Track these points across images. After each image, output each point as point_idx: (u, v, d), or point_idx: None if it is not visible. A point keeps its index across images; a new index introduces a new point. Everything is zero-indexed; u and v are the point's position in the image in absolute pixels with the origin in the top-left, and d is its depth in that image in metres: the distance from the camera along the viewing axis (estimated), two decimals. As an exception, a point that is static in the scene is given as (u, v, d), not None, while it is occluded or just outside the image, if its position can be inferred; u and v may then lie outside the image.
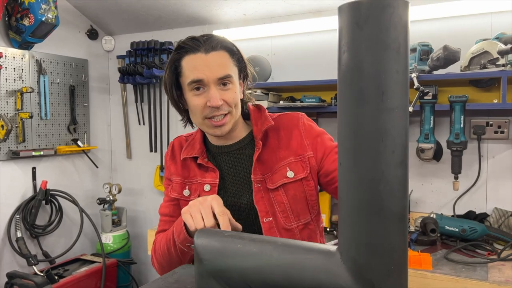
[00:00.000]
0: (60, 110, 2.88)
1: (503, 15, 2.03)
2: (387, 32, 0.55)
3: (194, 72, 1.04)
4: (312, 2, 2.38)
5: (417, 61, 2.02)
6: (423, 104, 2.00)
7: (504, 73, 1.83)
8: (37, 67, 2.71)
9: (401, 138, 0.57)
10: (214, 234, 0.76)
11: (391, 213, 0.58)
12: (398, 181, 0.58)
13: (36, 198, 2.65)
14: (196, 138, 1.19)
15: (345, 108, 0.57)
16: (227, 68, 1.06)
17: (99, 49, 3.19)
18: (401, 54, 0.56)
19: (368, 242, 0.59)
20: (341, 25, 0.56)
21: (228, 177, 1.14)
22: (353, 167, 0.58)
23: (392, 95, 0.56)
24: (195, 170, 1.16)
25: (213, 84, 1.04)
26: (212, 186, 1.12)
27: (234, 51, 1.10)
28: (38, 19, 2.43)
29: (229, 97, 1.06)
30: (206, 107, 1.05)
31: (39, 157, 2.74)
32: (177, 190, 1.16)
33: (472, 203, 2.14)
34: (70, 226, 2.95)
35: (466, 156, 2.04)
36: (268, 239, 0.73)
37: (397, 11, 0.55)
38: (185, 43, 1.08)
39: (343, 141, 0.58)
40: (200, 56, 1.05)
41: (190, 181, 1.16)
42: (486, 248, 1.84)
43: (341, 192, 0.60)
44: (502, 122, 2.03)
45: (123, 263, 2.87)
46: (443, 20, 2.15)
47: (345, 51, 0.56)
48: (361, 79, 0.56)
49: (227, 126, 1.08)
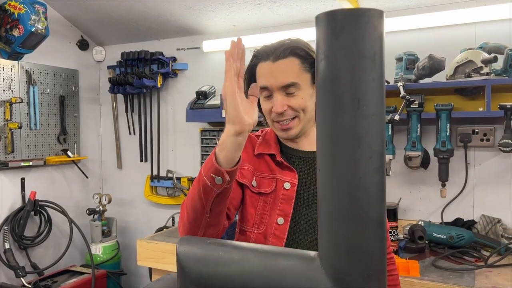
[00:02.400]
0: (50, 121, 2.87)
1: (486, 25, 2.07)
2: (362, 41, 0.56)
3: (262, 80, 1.10)
4: (300, 12, 2.42)
5: (403, 70, 2.05)
6: (409, 112, 2.03)
7: (488, 81, 1.86)
8: (27, 77, 2.71)
9: (377, 144, 0.58)
10: (197, 241, 0.76)
11: (369, 218, 0.59)
12: (375, 186, 0.59)
13: (24, 209, 2.63)
14: (270, 138, 1.19)
15: (323, 115, 0.59)
16: (292, 75, 1.08)
17: (89, 59, 3.20)
18: (376, 62, 0.57)
19: (347, 247, 0.59)
20: (318, 34, 0.58)
21: (301, 183, 1.13)
22: (331, 173, 0.59)
23: (368, 103, 0.57)
24: (272, 165, 1.15)
25: (277, 92, 1.08)
26: (292, 185, 1.11)
27: (306, 57, 1.10)
28: (27, 30, 2.43)
29: (295, 103, 1.08)
30: (272, 112, 1.09)
31: (28, 168, 2.73)
32: (248, 177, 1.13)
33: (460, 210, 2.16)
34: (59, 237, 2.92)
35: (453, 163, 2.06)
36: (250, 246, 0.73)
37: (371, 20, 0.56)
38: (258, 52, 1.13)
39: (322, 147, 0.59)
40: (268, 65, 1.09)
41: (260, 174, 1.14)
42: (473, 255, 1.85)
43: (320, 198, 0.61)
44: (488, 129, 2.06)
45: (113, 274, 2.85)
46: (429, 30, 2.19)
47: (322, 59, 0.57)
48: (338, 87, 0.57)
49: (294, 130, 1.10)
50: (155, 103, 3.05)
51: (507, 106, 1.85)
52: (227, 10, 2.50)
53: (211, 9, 2.51)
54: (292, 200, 1.09)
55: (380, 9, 0.56)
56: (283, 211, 1.10)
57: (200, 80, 2.86)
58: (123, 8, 2.68)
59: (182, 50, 2.93)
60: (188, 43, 2.91)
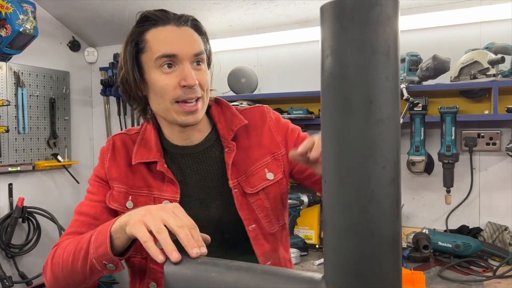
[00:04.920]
0: (39, 124, 2.77)
1: (492, 25, 2.00)
2: (375, 33, 0.48)
3: (165, 46, 0.90)
4: (298, 12, 2.34)
5: (406, 72, 1.98)
6: (413, 115, 1.95)
7: (495, 83, 1.79)
8: (15, 79, 2.61)
9: (392, 152, 0.50)
10: (187, 261, 0.69)
11: (382, 237, 0.51)
12: (389, 201, 0.51)
13: (12, 216, 2.52)
14: (149, 137, 1.00)
15: (329, 119, 0.51)
16: (200, 45, 0.94)
17: (81, 61, 3.11)
18: (391, 58, 0.49)
19: (356, 270, 0.52)
20: (323, 26, 0.50)
21: (193, 183, 0.99)
22: (339, 186, 0.52)
23: (381, 105, 0.49)
24: (148, 179, 0.98)
25: (186, 61, 0.90)
26: (172, 201, 0.94)
27: (203, 32, 0.98)
28: (15, 30, 2.34)
29: (202, 78, 0.93)
30: (178, 87, 0.90)
31: (16, 173, 2.63)
32: (119, 200, 0.97)
33: (465, 217, 2.08)
34: (49, 245, 2.80)
35: (458, 168, 1.98)
36: (246, 266, 0.66)
37: (386, 10, 0.48)
38: (153, 14, 0.94)
39: (327, 156, 0.52)
40: (171, 29, 0.92)
41: (137, 192, 0.98)
42: (480, 264, 1.77)
43: (326, 214, 0.53)
44: (494, 133, 1.99)
45: (105, 283, 2.76)
46: (432, 30, 2.12)
47: (328, 55, 0.50)
48: (347, 86, 0.49)
49: (200, 114, 0.94)
50: (149, 106, 2.96)
51: (515, 109, 1.77)
52: (223, 9, 2.42)
53: (206, 9, 2.43)
54: None
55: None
56: None
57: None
58: (116, 8, 2.60)
59: (177, 51, 2.85)
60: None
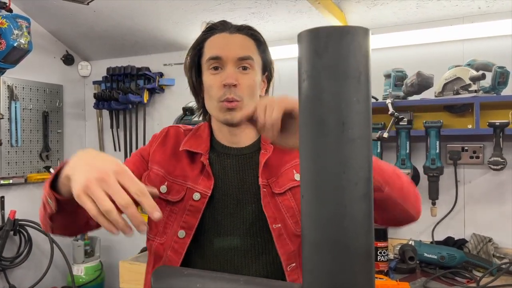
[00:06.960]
0: (32, 137, 2.79)
1: (473, 42, 2.07)
2: (347, 61, 0.52)
3: (213, 49, 0.98)
4: (289, 29, 2.40)
5: (392, 87, 2.03)
6: (398, 129, 2.01)
7: (476, 99, 1.85)
8: (9, 93, 2.64)
9: (364, 170, 0.54)
10: (173, 273, 0.71)
11: (356, 249, 0.55)
12: (362, 215, 0.55)
13: (3, 228, 2.53)
14: (202, 133, 1.07)
15: (306, 138, 0.55)
16: (249, 50, 0.98)
17: (75, 74, 3.14)
18: (361, 83, 0.53)
19: (332, 281, 0.55)
20: (300, 52, 0.54)
21: (232, 182, 1.02)
22: (314, 200, 0.55)
23: (353, 126, 0.53)
24: (187, 169, 1.02)
25: (231, 64, 0.97)
26: (203, 196, 0.98)
27: (261, 42, 1.02)
28: (10, 45, 2.37)
29: (245, 82, 0.96)
30: (221, 87, 0.96)
31: (8, 186, 2.64)
32: (155, 183, 1.01)
33: (451, 229, 2.12)
34: (40, 258, 2.82)
35: (442, 181, 2.03)
36: (230, 277, 0.69)
37: (356, 38, 0.53)
38: (214, 24, 1.03)
39: (305, 173, 0.55)
40: (223, 35, 1.00)
41: (173, 179, 1.02)
42: (465, 275, 1.81)
43: (304, 228, 0.57)
44: (477, 147, 2.04)
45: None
46: (417, 47, 2.18)
47: (305, 79, 0.54)
48: (321, 109, 0.53)
49: (238, 114, 0.96)
50: (141, 119, 2.99)
51: (496, 124, 1.83)
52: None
53: (198, 25, 2.48)
54: (200, 212, 0.98)
55: (365, 27, 0.53)
56: (186, 223, 0.98)
57: (187, 95, 2.79)
58: (109, 23, 2.65)
59: (169, 66, 2.89)
60: (175, 58, 2.87)
